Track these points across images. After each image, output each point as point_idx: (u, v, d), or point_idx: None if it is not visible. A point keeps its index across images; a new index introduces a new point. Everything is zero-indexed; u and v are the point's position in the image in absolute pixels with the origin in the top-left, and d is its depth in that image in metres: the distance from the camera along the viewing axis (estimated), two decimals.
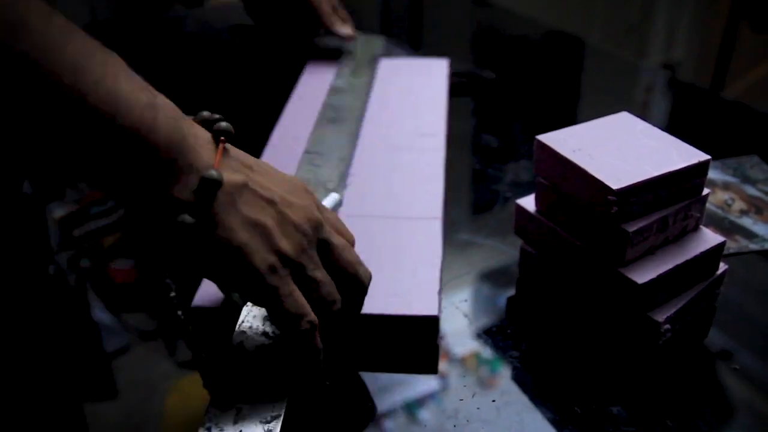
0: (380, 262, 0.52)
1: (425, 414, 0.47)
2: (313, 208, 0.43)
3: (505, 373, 0.49)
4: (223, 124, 0.42)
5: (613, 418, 0.45)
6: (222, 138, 0.41)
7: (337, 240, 0.44)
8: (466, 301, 0.56)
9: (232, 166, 0.40)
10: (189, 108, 0.42)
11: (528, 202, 0.54)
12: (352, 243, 0.47)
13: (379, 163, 0.67)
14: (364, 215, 0.59)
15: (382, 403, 0.48)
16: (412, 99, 0.79)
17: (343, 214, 0.59)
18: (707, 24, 2.14)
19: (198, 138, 0.40)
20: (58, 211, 0.68)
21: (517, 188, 0.69)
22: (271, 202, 0.41)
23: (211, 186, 0.38)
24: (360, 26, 1.19)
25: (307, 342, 0.41)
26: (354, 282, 0.44)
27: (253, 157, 0.44)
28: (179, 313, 0.55)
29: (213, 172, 0.38)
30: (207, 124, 0.42)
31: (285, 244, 0.40)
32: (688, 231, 0.50)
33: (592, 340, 0.51)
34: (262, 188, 0.41)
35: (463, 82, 0.91)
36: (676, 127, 0.85)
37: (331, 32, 0.88)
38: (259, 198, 0.40)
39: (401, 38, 1.17)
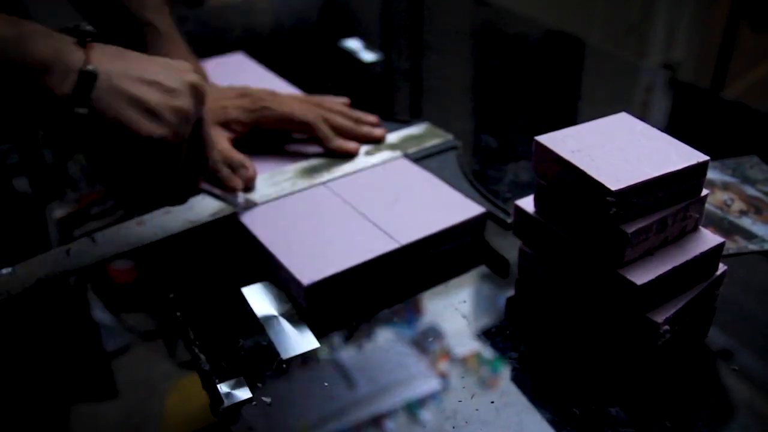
0: (405, 199, 0.63)
1: (425, 414, 0.47)
2: (187, 99, 0.49)
3: (504, 374, 0.49)
4: (87, 26, 0.47)
5: (612, 419, 0.45)
6: (88, 38, 0.46)
7: (205, 133, 0.53)
8: (465, 302, 0.56)
9: (105, 58, 0.46)
10: None
11: (527, 203, 0.54)
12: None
13: None
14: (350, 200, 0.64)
15: (383, 404, 0.48)
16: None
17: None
18: (707, 24, 2.14)
19: (67, 43, 0.45)
20: (58, 211, 0.68)
21: (517, 189, 0.70)
22: (151, 83, 0.48)
23: (88, 78, 0.44)
24: (361, 26, 1.19)
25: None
26: (204, 160, 0.54)
27: (126, 50, 0.49)
28: (178, 314, 0.55)
29: (89, 66, 0.44)
30: (71, 32, 0.47)
31: (166, 123, 0.48)
32: (688, 232, 0.50)
33: (591, 341, 0.51)
34: (141, 72, 0.48)
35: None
36: (676, 127, 0.85)
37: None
38: (138, 80, 0.47)
39: (401, 38, 1.17)
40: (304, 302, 0.53)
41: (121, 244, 0.58)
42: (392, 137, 0.73)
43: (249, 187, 0.65)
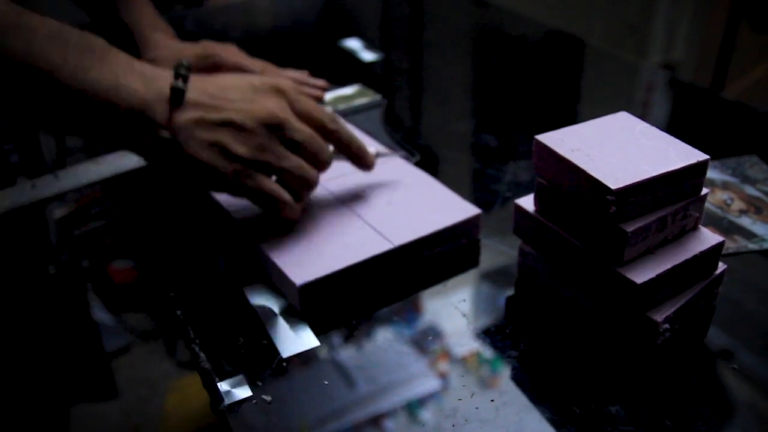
0: (401, 201, 0.63)
1: (425, 414, 0.47)
2: (273, 111, 0.54)
3: (504, 372, 0.49)
4: (184, 63, 0.53)
5: (612, 418, 0.45)
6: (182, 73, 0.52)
7: (300, 135, 0.55)
8: (464, 301, 0.56)
9: (189, 103, 0.52)
10: None
11: (527, 202, 0.54)
12: (325, 123, 0.57)
13: None
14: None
15: (383, 403, 0.48)
16: None
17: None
18: (707, 24, 2.14)
19: (155, 79, 0.52)
20: (58, 211, 0.68)
21: (517, 188, 0.70)
22: (225, 123, 0.52)
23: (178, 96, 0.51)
24: (361, 26, 1.19)
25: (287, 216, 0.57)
26: (316, 162, 0.57)
27: (213, 82, 0.54)
28: (178, 312, 0.55)
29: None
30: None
31: (244, 151, 0.52)
32: (687, 231, 0.50)
33: (590, 340, 0.51)
34: (216, 112, 0.52)
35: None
36: (676, 126, 0.85)
37: None
38: (212, 124, 0.52)
39: (401, 38, 1.17)
40: (298, 303, 0.54)
41: (82, 178, 0.67)
42: (326, 96, 0.86)
43: None
